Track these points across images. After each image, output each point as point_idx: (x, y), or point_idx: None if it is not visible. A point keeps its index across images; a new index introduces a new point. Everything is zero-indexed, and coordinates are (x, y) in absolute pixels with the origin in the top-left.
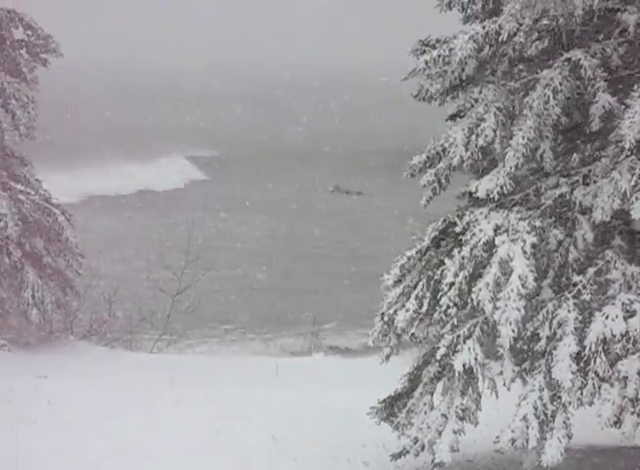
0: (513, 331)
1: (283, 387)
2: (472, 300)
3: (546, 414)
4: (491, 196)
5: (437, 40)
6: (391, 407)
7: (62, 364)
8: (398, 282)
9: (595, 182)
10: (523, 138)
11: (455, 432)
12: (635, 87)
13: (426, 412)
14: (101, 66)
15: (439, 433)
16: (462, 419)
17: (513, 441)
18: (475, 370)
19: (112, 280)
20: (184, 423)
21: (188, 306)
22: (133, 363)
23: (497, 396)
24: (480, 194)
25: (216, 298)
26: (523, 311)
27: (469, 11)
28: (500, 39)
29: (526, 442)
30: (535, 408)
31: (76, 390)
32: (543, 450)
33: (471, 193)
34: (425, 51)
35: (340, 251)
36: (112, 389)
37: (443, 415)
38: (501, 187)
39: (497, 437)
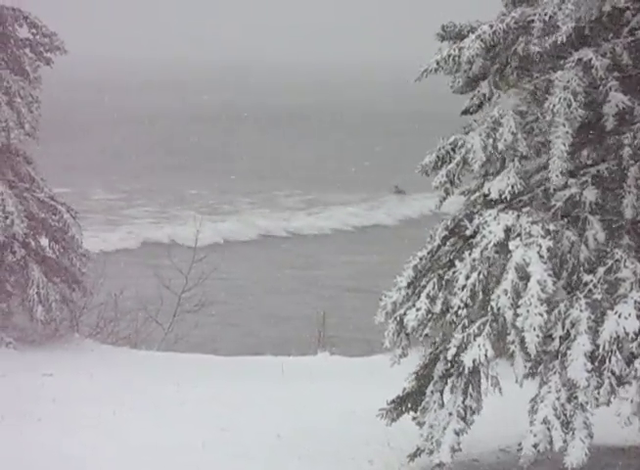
0: (537, 336)
1: (288, 385)
2: (491, 307)
3: (566, 415)
4: (503, 196)
5: (461, 26)
6: (400, 407)
7: (67, 362)
8: (411, 283)
9: (614, 189)
10: (564, 144)
11: (456, 432)
12: None
13: (436, 410)
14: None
15: (445, 431)
16: (463, 419)
17: (536, 445)
18: (480, 368)
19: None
20: (189, 421)
21: (195, 305)
22: (139, 361)
23: (501, 392)
24: (493, 195)
25: None
26: (545, 316)
27: None
28: (513, 37)
29: (549, 444)
30: (555, 409)
31: (82, 388)
32: (567, 452)
33: (485, 195)
34: (445, 38)
35: None
36: (117, 387)
37: (450, 413)
38: (512, 186)
39: (519, 444)
